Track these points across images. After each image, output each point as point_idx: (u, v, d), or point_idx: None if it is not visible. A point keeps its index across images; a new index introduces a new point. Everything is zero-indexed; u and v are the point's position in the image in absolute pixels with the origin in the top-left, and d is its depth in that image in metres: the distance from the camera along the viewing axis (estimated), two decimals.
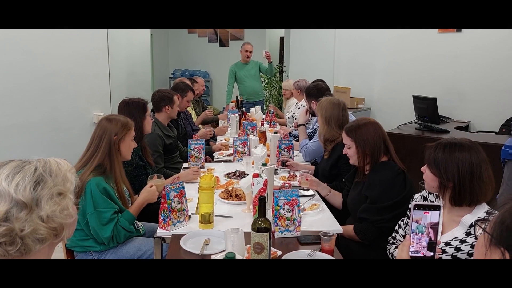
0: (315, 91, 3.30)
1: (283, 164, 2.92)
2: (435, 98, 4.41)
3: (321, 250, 1.75)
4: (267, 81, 7.72)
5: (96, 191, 1.97)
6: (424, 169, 1.62)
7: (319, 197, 2.41)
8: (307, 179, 2.43)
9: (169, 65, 8.88)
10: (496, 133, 4.87)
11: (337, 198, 2.41)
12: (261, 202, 1.55)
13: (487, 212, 1.51)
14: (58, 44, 3.69)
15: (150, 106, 2.95)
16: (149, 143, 3.12)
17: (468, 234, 1.50)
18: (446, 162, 1.52)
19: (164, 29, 8.55)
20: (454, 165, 1.51)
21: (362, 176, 2.13)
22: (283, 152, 3.03)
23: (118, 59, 4.69)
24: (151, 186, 2.18)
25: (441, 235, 1.58)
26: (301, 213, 1.94)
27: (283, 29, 7.81)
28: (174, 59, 8.86)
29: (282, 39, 8.45)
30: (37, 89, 3.59)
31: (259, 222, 1.54)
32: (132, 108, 2.65)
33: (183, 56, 8.78)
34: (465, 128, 5.05)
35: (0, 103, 3.38)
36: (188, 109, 4.31)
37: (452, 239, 1.53)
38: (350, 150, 2.12)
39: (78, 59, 3.87)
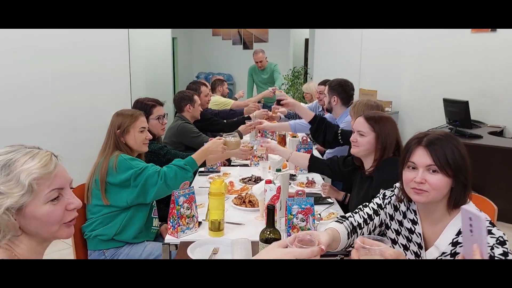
0: (338, 86, 3.10)
1: (278, 102, 2.74)
2: (467, 102, 4.19)
3: None
4: (290, 83, 7.60)
5: (129, 158, 2.05)
6: (423, 178, 1.28)
7: (338, 206, 2.27)
8: (261, 146, 2.43)
9: (193, 68, 8.90)
10: None
11: (300, 159, 2.39)
12: (270, 211, 1.44)
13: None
14: (78, 45, 3.69)
15: (166, 109, 2.89)
16: (183, 132, 3.12)
17: (455, 244, 1.29)
18: (462, 157, 1.28)
19: (188, 32, 8.58)
20: (466, 157, 1.30)
21: (363, 170, 1.99)
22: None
23: (139, 61, 4.69)
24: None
25: (425, 251, 1.37)
26: (316, 222, 1.81)
27: (308, 31, 7.68)
28: (198, 62, 8.87)
29: (306, 41, 8.31)
30: (55, 90, 3.61)
31: (268, 233, 1.44)
32: (136, 107, 2.59)
33: (207, 59, 8.78)
34: (500, 133, 4.77)
35: (19, 103, 3.40)
36: (210, 106, 4.19)
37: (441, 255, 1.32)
38: (363, 139, 1.93)
39: (99, 61, 3.87)
